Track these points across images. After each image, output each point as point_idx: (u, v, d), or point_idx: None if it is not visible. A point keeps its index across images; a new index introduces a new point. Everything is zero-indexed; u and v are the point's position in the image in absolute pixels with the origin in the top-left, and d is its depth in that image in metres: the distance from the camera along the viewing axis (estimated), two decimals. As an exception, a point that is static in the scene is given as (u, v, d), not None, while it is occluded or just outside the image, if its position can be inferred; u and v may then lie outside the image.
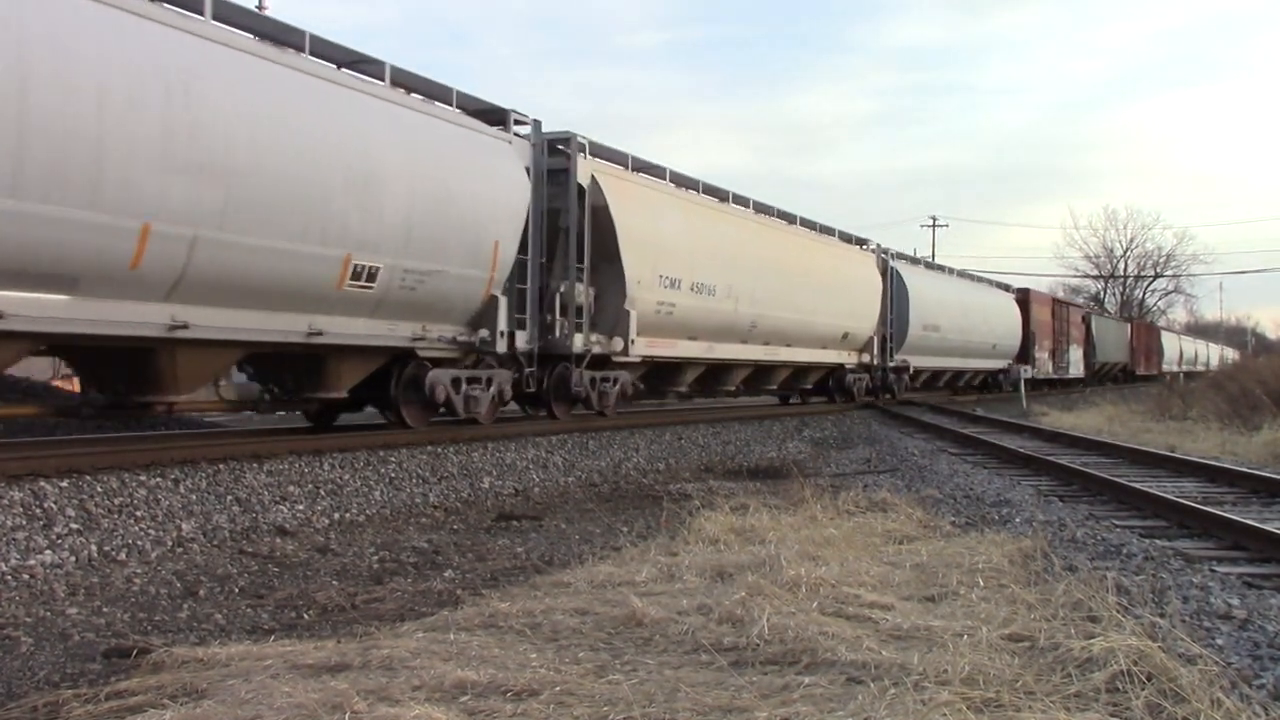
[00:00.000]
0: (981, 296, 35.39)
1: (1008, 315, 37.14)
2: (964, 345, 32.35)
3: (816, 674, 4.37)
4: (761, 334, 19.74)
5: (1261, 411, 19.55)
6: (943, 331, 29.76)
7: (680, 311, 16.68)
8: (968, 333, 32.22)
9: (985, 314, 34.32)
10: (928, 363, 30.09)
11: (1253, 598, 5.94)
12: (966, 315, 32.07)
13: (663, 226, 16.36)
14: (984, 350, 34.65)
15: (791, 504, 9.11)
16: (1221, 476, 11.88)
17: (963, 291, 33.42)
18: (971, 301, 33.48)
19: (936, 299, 29.50)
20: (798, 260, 21.40)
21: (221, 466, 9.30)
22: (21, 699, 4.43)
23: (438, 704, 3.98)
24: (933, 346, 29.64)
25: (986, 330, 34.23)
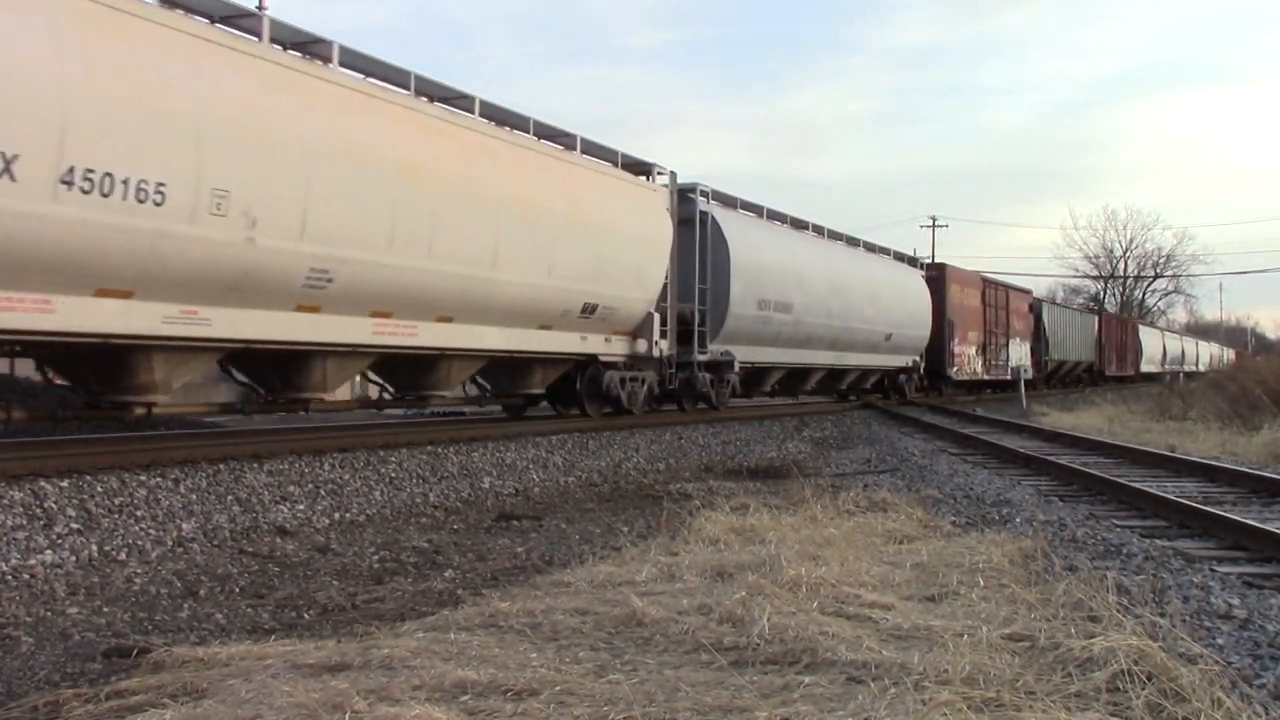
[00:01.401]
0: (868, 268, 26.07)
1: (912, 297, 28.38)
2: (836, 334, 23.34)
3: (817, 674, 4.37)
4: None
5: (1261, 411, 19.56)
6: (797, 313, 21.15)
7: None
8: (844, 316, 23.49)
9: (874, 293, 25.37)
10: (769, 357, 21.02)
11: (1253, 597, 5.94)
12: (840, 293, 23.22)
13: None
14: (871, 342, 25.54)
15: (792, 504, 9.11)
16: (1222, 476, 11.88)
17: (834, 259, 23.95)
18: (851, 274, 24.32)
19: (783, 265, 21.00)
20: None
21: (221, 466, 9.31)
22: (22, 699, 4.43)
23: (438, 704, 3.98)
24: (779, 335, 20.98)
25: (876, 315, 25.22)
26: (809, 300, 21.66)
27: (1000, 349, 36.56)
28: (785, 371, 22.52)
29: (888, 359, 27.68)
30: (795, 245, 22.22)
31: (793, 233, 22.79)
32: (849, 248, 25.92)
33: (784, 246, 21.60)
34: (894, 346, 27.50)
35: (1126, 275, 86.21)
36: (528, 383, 14.92)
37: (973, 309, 33.66)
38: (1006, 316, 37.34)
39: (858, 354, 25.41)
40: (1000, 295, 37.19)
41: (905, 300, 27.87)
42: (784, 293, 20.72)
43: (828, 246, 24.33)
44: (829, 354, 23.77)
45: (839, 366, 24.83)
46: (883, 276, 26.77)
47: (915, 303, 28.66)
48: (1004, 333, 37.02)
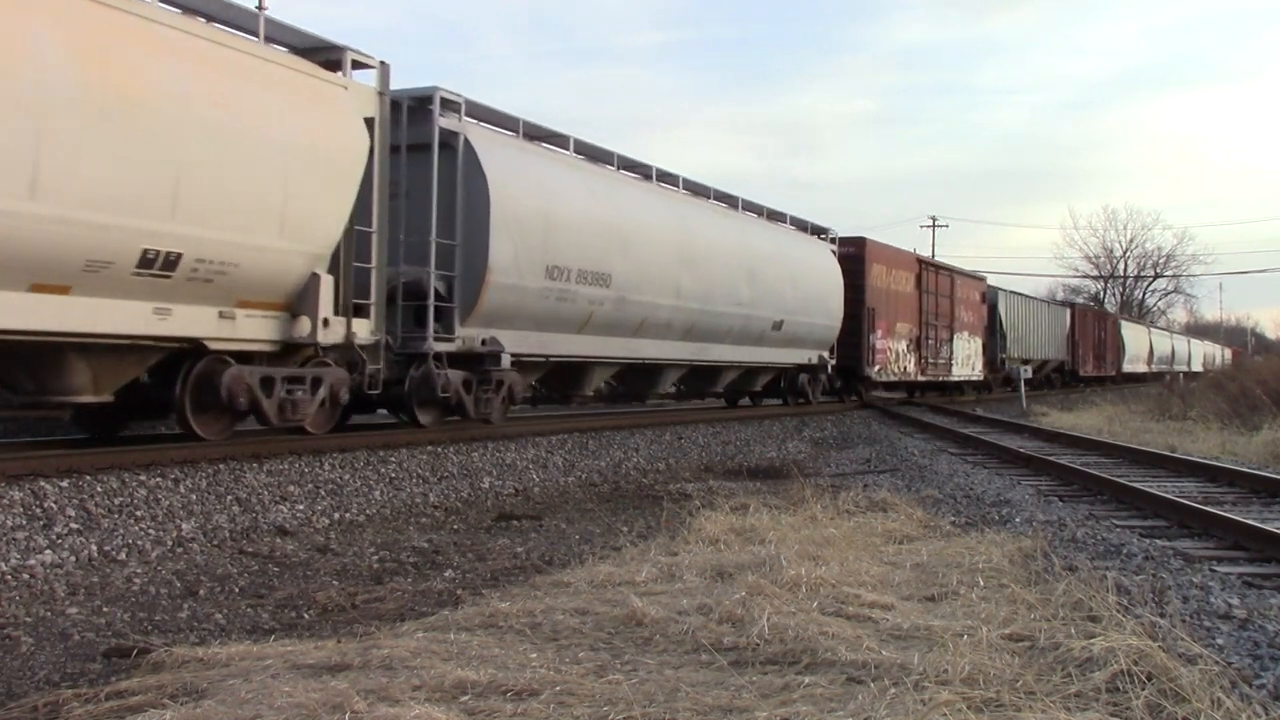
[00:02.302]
0: (747, 236, 19.47)
1: (816, 276, 21.93)
2: (691, 319, 17.22)
3: (817, 674, 4.37)
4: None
5: (1261, 411, 19.56)
6: (619, 288, 15.04)
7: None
8: (704, 297, 17.44)
9: (755, 268, 19.13)
10: (574, 347, 14.71)
11: (1253, 597, 5.94)
12: (698, 265, 17.21)
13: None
14: (751, 331, 19.57)
15: (791, 504, 9.11)
16: (1221, 476, 11.88)
17: (691, 220, 17.61)
18: (717, 241, 18.17)
19: (595, 221, 14.68)
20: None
21: (221, 466, 9.30)
22: (22, 699, 4.43)
23: (438, 704, 3.98)
24: (590, 317, 14.68)
25: (758, 297, 19.18)
26: (642, 272, 15.55)
27: (941, 345, 30.36)
28: (618, 368, 16.62)
29: (778, 354, 21.17)
30: (619, 195, 15.71)
31: (616, 177, 16.19)
32: (719, 207, 19.27)
33: (598, 195, 15.04)
34: (787, 338, 20.91)
35: (1126, 275, 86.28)
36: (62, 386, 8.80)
37: (904, 295, 27.51)
38: (951, 306, 31.16)
39: (729, 346, 18.98)
40: (943, 281, 30.87)
41: (805, 280, 21.33)
42: (596, 258, 14.47)
43: (683, 203, 17.86)
44: (682, 346, 17.41)
45: (700, 363, 18.35)
46: (769, 248, 20.07)
47: (820, 284, 22.16)
48: (947, 325, 30.75)
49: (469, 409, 12.93)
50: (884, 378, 26.74)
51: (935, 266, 31.46)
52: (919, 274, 29.16)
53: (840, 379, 25.50)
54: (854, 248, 25.26)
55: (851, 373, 25.40)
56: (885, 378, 26.79)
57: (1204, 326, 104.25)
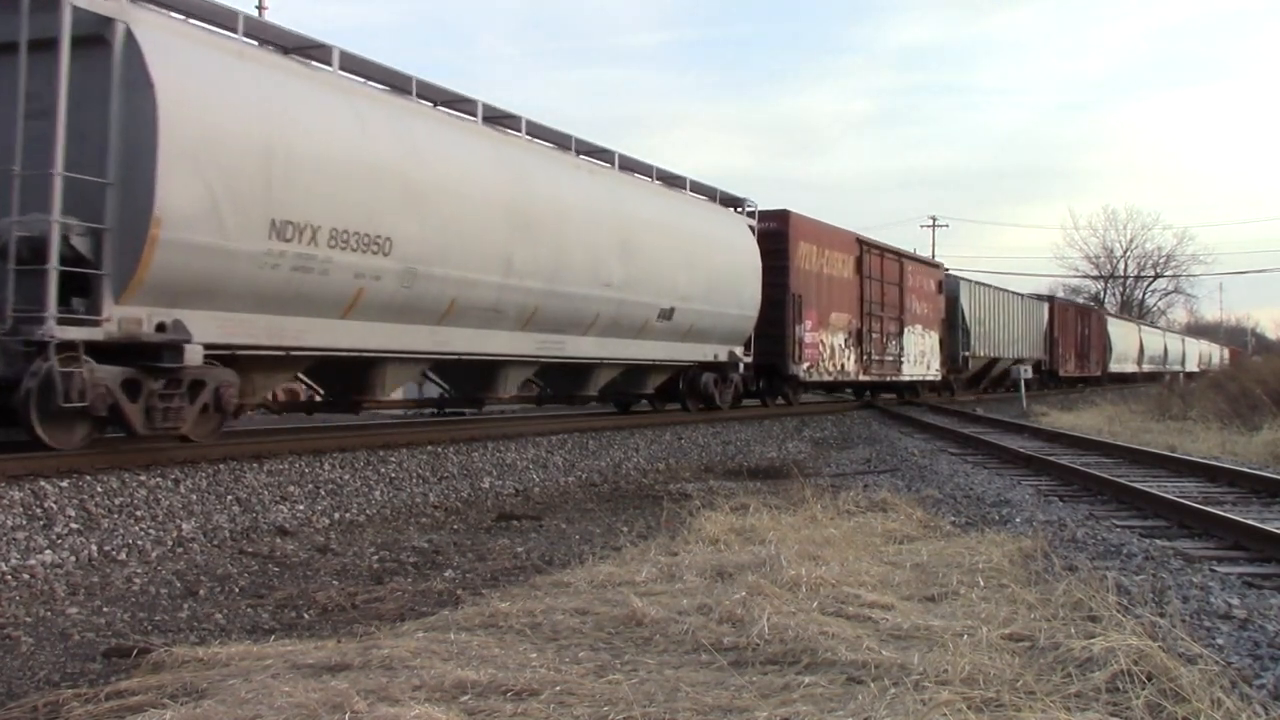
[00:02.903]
0: (620, 200, 15.45)
1: (721, 255, 18.06)
2: (532, 302, 13.37)
3: (817, 674, 4.37)
4: None
5: (1261, 411, 19.55)
6: (405, 258, 11.20)
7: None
8: (550, 275, 13.59)
9: (630, 241, 15.26)
10: (329, 338, 10.68)
11: (1253, 597, 5.94)
12: (538, 231, 13.34)
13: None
14: (627, 321, 15.59)
15: (791, 504, 9.11)
16: (1221, 476, 11.88)
17: (531, 173, 13.55)
18: (574, 205, 14.22)
19: (368, 164, 10.77)
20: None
21: (221, 466, 9.30)
22: (22, 699, 4.43)
23: (438, 704, 3.98)
24: (358, 296, 10.78)
25: (635, 277, 15.35)
26: (446, 238, 11.63)
27: (889, 340, 26.33)
28: (428, 364, 12.84)
29: (670, 349, 17.09)
30: (410, 132, 11.51)
31: (410, 109, 11.93)
32: (582, 162, 15.01)
33: (373, 129, 10.90)
34: (682, 330, 17.02)
35: (1127, 275, 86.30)
36: None
37: (839, 281, 23.45)
38: (901, 296, 27.20)
39: (596, 339, 14.98)
40: (889, 266, 26.66)
41: (707, 259, 17.35)
42: (365, 216, 10.49)
43: (522, 152, 13.57)
44: (521, 338, 13.46)
45: (552, 359, 14.33)
46: (655, 217, 16.10)
47: (729, 265, 18.16)
48: (895, 318, 26.74)
49: (134, 423, 8.96)
50: (815, 377, 22.33)
51: (880, 249, 26.50)
52: (859, 257, 24.74)
53: (763, 379, 21.83)
54: (775, 222, 20.77)
55: (775, 371, 21.28)
56: (817, 377, 22.46)
57: (1204, 327, 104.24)
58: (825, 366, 22.80)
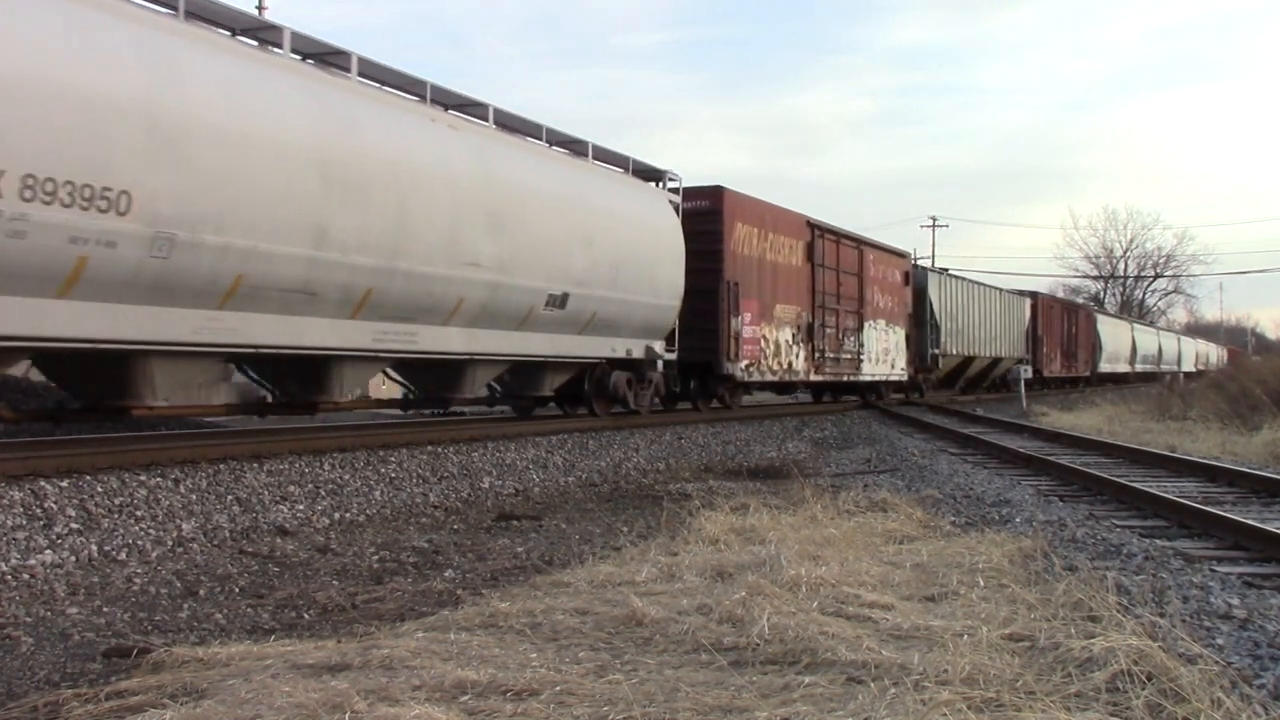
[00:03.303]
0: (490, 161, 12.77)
1: (632, 233, 15.51)
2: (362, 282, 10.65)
3: (817, 674, 4.37)
4: None
5: (1261, 411, 19.56)
6: (153, 217, 8.46)
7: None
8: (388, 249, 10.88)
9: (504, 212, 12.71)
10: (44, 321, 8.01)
11: (1253, 597, 5.94)
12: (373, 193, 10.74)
13: None
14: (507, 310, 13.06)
15: (791, 504, 9.11)
16: (1221, 476, 11.88)
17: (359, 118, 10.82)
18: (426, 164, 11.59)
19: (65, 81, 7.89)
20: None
21: (221, 466, 9.31)
22: (21, 699, 4.43)
23: (438, 704, 3.98)
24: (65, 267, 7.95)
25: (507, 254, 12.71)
26: (220, 194, 9.11)
27: (846, 335, 23.59)
28: (218, 358, 10.07)
29: (566, 343, 14.36)
30: (174, 58, 8.92)
31: (170, 27, 9.19)
32: (440, 115, 12.39)
33: (101, 48, 8.37)
34: (581, 321, 14.35)
35: (1127, 275, 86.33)
36: None
37: (787, 269, 20.76)
38: (860, 287, 24.48)
39: (462, 330, 12.33)
40: (847, 254, 23.82)
41: (613, 238, 14.73)
42: (82, 160, 8.02)
43: (350, 96, 10.99)
44: (352, 327, 10.86)
45: (400, 354, 11.80)
46: (541, 185, 13.51)
47: (643, 246, 15.57)
48: (854, 311, 24.07)
49: None
50: (755, 376, 19.60)
51: (836, 234, 23.38)
52: (810, 242, 21.85)
53: (694, 379, 19.01)
54: (707, 200, 18.30)
55: (708, 370, 18.56)
56: (758, 376, 19.70)
57: (1204, 326, 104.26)
58: (768, 365, 19.95)
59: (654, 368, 16.81)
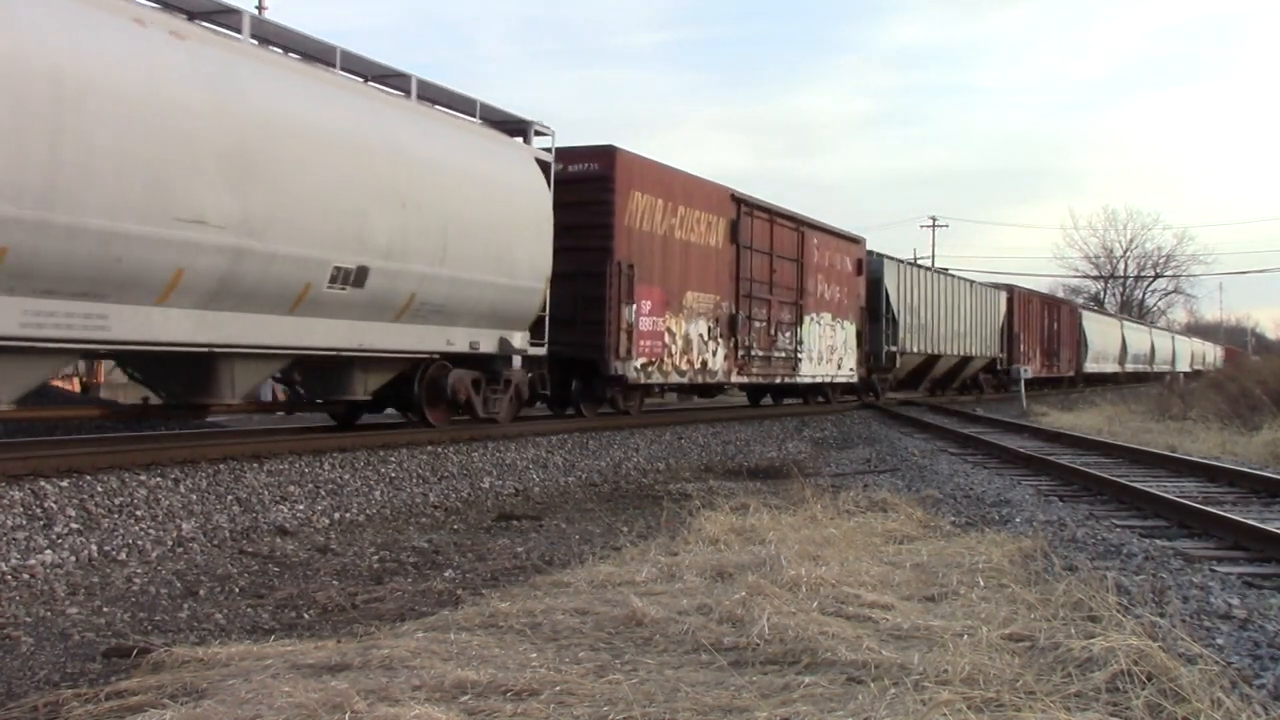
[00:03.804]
0: (242, 85, 9.30)
1: (479, 195, 12.28)
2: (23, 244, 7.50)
3: (817, 674, 4.37)
4: None
5: (1261, 411, 19.56)
6: None
7: None
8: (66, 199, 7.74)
9: (259, 151, 9.29)
10: None
11: (1253, 597, 5.95)
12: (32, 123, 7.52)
13: None
14: (269, 288, 9.60)
15: (791, 504, 9.11)
16: (1222, 476, 11.88)
17: None
18: (107, 77, 8.02)
19: None
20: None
21: (221, 466, 9.31)
22: (21, 699, 4.43)
23: (438, 704, 3.98)
24: None
25: (262, 211, 9.30)
26: None
27: (779, 330, 20.37)
28: None
29: (374, 332, 11.12)
30: None
31: None
32: (150, 15, 8.97)
33: None
34: (392, 304, 11.17)
35: (1126, 275, 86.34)
36: None
37: (702, 250, 17.55)
38: (800, 275, 21.15)
39: (194, 311, 9.16)
40: (784, 236, 20.50)
41: (437, 198, 11.57)
42: None
43: None
44: None
45: (58, 341, 8.24)
46: (320, 120, 10.27)
47: (488, 211, 12.36)
48: (791, 302, 20.83)
49: None
50: (657, 377, 16.42)
51: (769, 212, 19.93)
52: (735, 220, 18.53)
53: (577, 380, 15.63)
54: (594, 163, 15.13)
55: (594, 369, 15.26)
56: (659, 377, 16.51)
57: (1204, 326, 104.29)
58: (674, 364, 16.70)
59: (508, 363, 13.38)
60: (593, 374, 15.50)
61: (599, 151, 15.41)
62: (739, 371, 19.02)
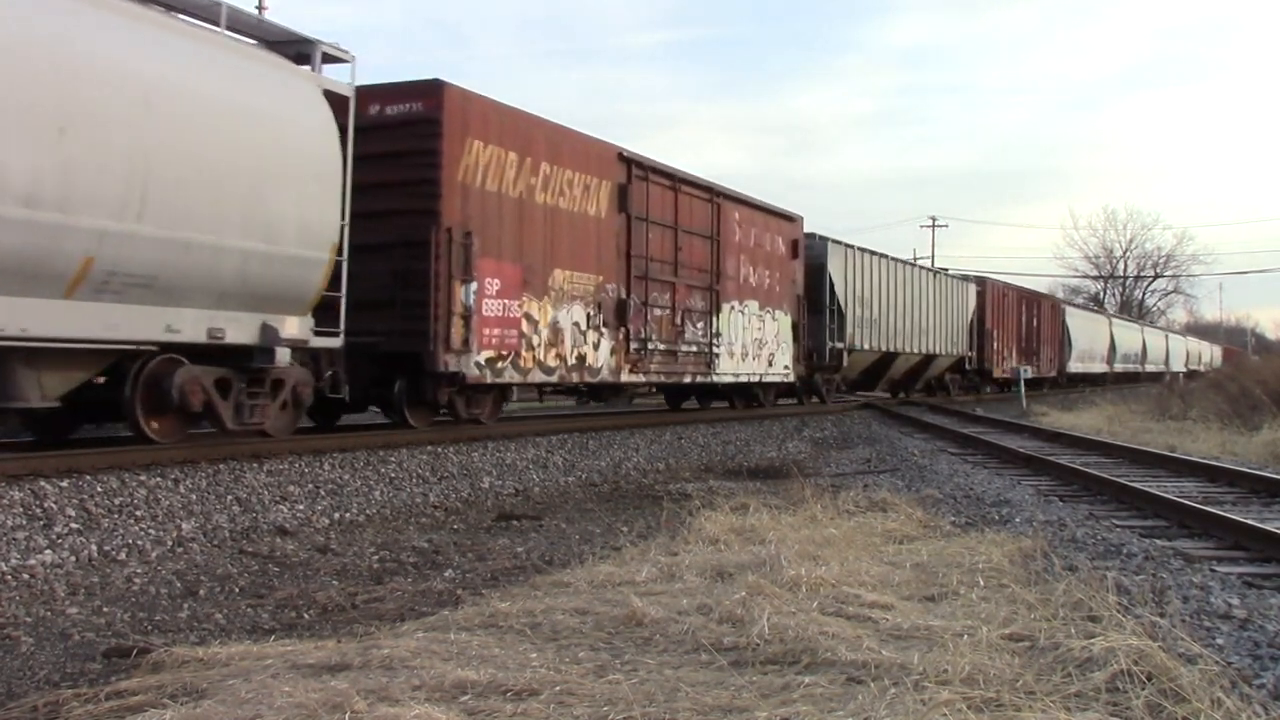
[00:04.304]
0: None
1: (216, 127, 8.97)
2: None
3: (817, 674, 4.37)
4: None
5: (1261, 411, 19.56)
6: None
7: None
8: None
9: None
10: None
11: (1253, 597, 5.95)
12: None
13: None
14: None
15: (791, 504, 9.11)
16: (1221, 476, 11.89)
17: None
18: None
19: None
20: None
21: (221, 466, 9.31)
22: (21, 699, 4.43)
23: (438, 704, 3.98)
24: None
25: None
26: None
27: (689, 319, 17.17)
28: None
29: (32, 313, 7.84)
30: None
31: None
32: None
33: None
34: (56, 271, 7.88)
35: (1126, 275, 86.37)
36: None
37: (577, 220, 14.36)
38: (717, 255, 18.06)
39: None
40: (692, 208, 17.28)
41: (126, 121, 8.30)
42: None
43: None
44: None
45: None
46: None
47: (236, 150, 9.28)
48: (705, 287, 17.77)
49: None
50: (511, 375, 13.16)
51: (671, 177, 16.69)
52: (624, 185, 15.26)
53: (404, 378, 12.34)
54: (418, 101, 12.05)
55: (418, 365, 12.05)
56: (513, 375, 13.21)
57: (1204, 326, 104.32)
58: (538, 358, 13.46)
59: (274, 360, 9.95)
60: (419, 371, 12.13)
61: (422, 88, 12.10)
62: (633, 368, 15.58)
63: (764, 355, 20.28)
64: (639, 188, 15.72)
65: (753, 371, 19.94)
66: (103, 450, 9.22)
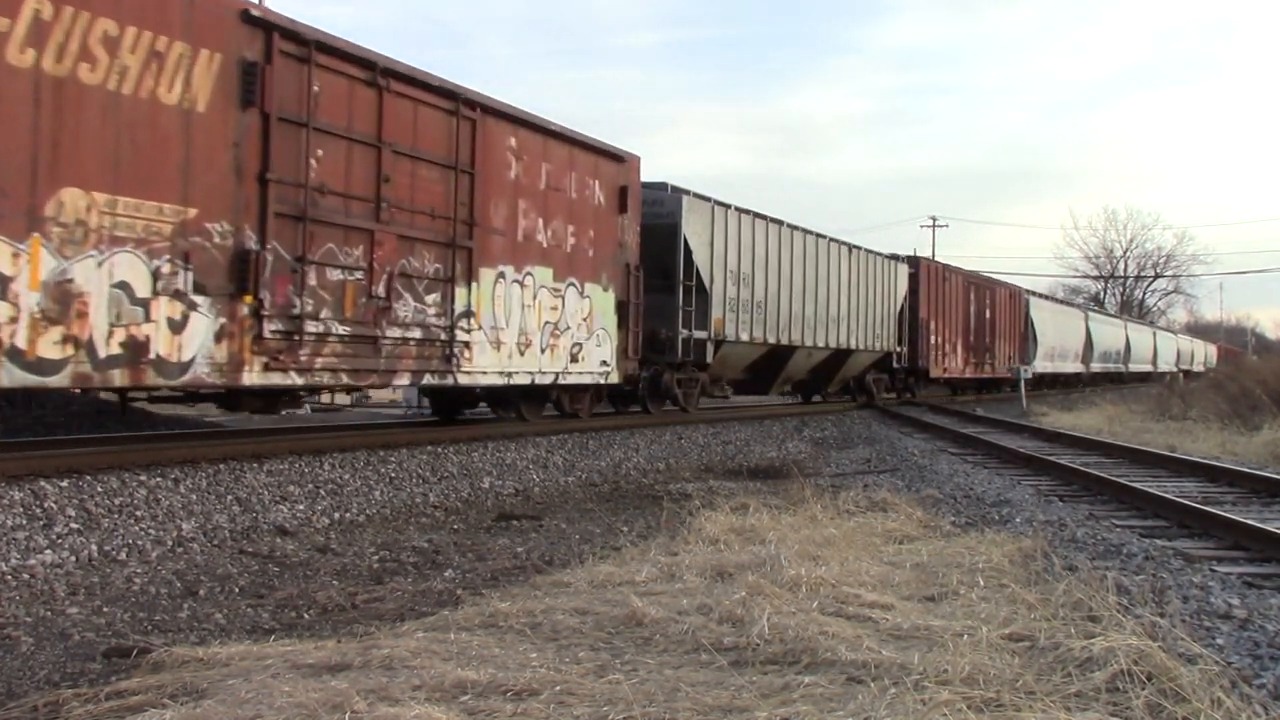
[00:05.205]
0: None
1: None
2: None
3: (817, 674, 4.37)
4: None
5: (1261, 411, 19.56)
6: None
7: None
8: None
9: None
10: None
11: (1253, 597, 5.95)
12: None
13: None
14: None
15: (791, 504, 9.11)
16: (1222, 476, 11.89)
17: None
18: None
19: None
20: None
21: (221, 466, 9.31)
22: (22, 699, 4.43)
23: (438, 703, 3.98)
24: None
25: None
26: None
27: (416, 290, 11.32)
28: None
29: None
30: None
31: None
32: None
33: None
34: None
35: (1127, 275, 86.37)
36: None
37: (122, 107, 8.19)
38: (471, 194, 12.05)
39: None
40: (430, 121, 11.50)
41: None
42: None
43: None
44: None
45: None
46: None
47: None
48: (447, 244, 11.73)
49: None
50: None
51: (365, 65, 10.60)
52: (248, 62, 9.29)
53: None
54: None
55: None
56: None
57: (1204, 326, 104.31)
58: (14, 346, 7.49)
59: None
60: None
61: None
62: (271, 363, 9.58)
63: (563, 346, 14.21)
64: (291, 72, 9.81)
65: (542, 369, 13.82)
66: (103, 450, 9.22)
